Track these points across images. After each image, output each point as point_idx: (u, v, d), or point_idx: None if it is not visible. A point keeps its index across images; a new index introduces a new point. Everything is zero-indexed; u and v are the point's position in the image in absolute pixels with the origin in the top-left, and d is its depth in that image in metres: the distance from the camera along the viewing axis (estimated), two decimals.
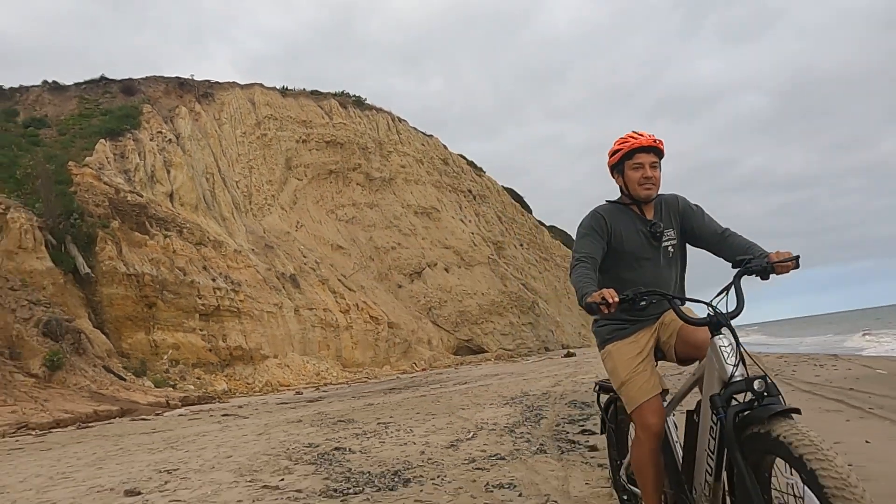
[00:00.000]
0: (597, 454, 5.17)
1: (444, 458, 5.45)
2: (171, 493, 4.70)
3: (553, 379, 14.53)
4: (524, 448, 5.64)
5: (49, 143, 29.45)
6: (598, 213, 2.78)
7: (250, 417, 12.33)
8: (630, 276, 2.72)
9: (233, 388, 22.83)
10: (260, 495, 4.43)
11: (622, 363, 2.69)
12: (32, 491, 5.37)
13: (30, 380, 16.95)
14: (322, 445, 6.67)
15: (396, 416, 9.17)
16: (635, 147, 2.72)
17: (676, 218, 2.83)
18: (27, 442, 11.81)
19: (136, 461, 6.80)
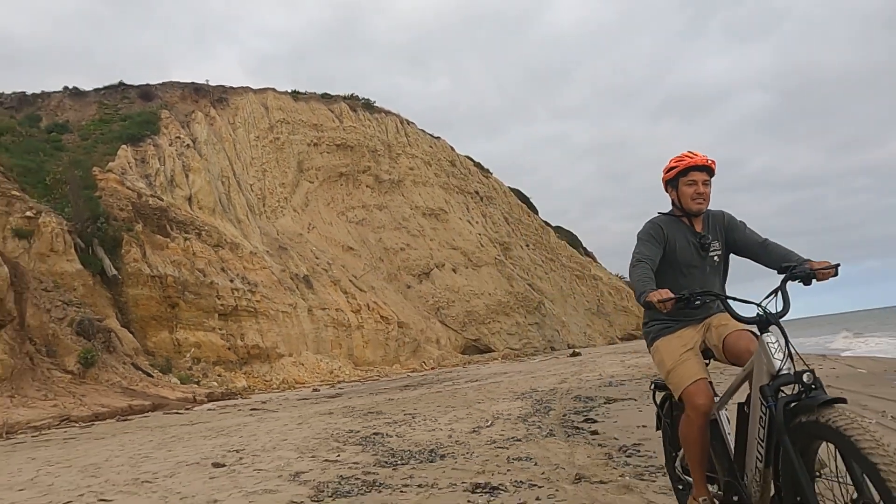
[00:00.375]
0: (598, 437, 6.19)
1: (469, 440, 6.49)
2: (251, 465, 5.75)
3: (559, 377, 15.54)
4: (536, 433, 6.67)
5: (72, 148, 30.63)
6: (657, 224, 3.13)
7: (279, 411, 13.40)
8: (681, 281, 3.03)
9: (252, 385, 23.93)
10: (325, 466, 5.46)
11: (668, 353, 2.99)
12: (125, 466, 6.43)
13: (66, 376, 18.09)
14: (361, 431, 7.73)
15: (420, 409, 10.23)
16: (690, 165, 3.06)
17: (722, 231, 3.16)
18: (75, 433, 12.90)
19: (198, 445, 7.86)
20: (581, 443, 5.91)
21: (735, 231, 3.14)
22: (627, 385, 11.56)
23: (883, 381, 9.20)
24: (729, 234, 3.15)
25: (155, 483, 5.25)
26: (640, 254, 2.99)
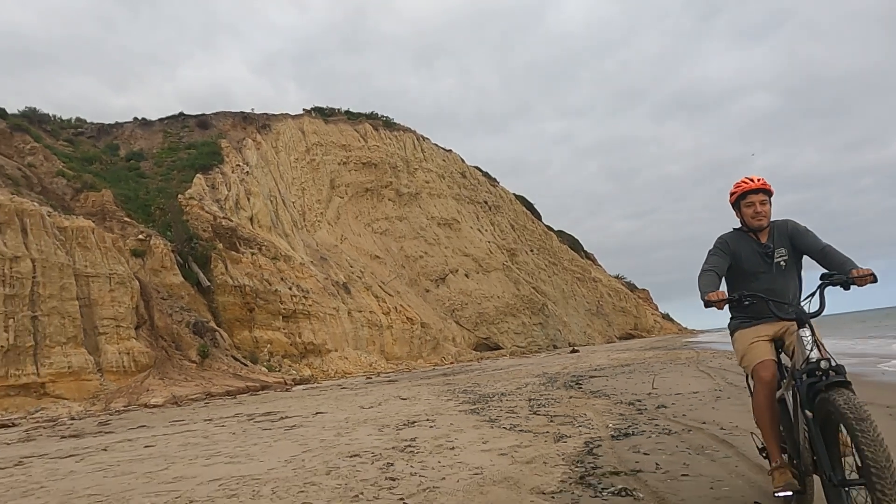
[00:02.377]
0: (581, 388, 12.55)
1: (516, 392, 12.86)
2: (433, 423, 12.12)
3: (561, 366, 21.98)
4: (552, 390, 13.03)
5: (151, 175, 36.99)
6: (724, 239, 3.80)
7: (364, 389, 19.79)
8: (751, 285, 3.65)
9: (313, 374, 30.34)
10: (445, 402, 11.83)
11: (741, 342, 3.68)
12: (341, 406, 12.80)
13: (192, 364, 24.55)
14: (454, 388, 14.12)
15: (478, 381, 16.66)
16: (746, 190, 3.71)
17: (787, 239, 3.73)
18: (244, 398, 19.22)
19: (358, 400, 14.26)
20: (572, 391, 12.29)
21: (798, 237, 3.70)
22: (605, 370, 17.95)
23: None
24: (794, 241, 3.71)
25: (372, 409, 11.63)
26: (708, 263, 3.69)
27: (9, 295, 20.40)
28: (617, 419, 7.62)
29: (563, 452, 5.32)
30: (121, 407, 19.48)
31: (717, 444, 5.59)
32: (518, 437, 6.50)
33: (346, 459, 5.73)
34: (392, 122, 61.42)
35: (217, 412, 14.18)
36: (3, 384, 19.59)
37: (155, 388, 21.80)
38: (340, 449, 6.43)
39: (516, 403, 10.26)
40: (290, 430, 8.88)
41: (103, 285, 23.61)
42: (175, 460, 6.63)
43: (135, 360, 22.99)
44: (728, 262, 3.71)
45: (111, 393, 21.39)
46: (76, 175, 31.54)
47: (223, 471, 5.70)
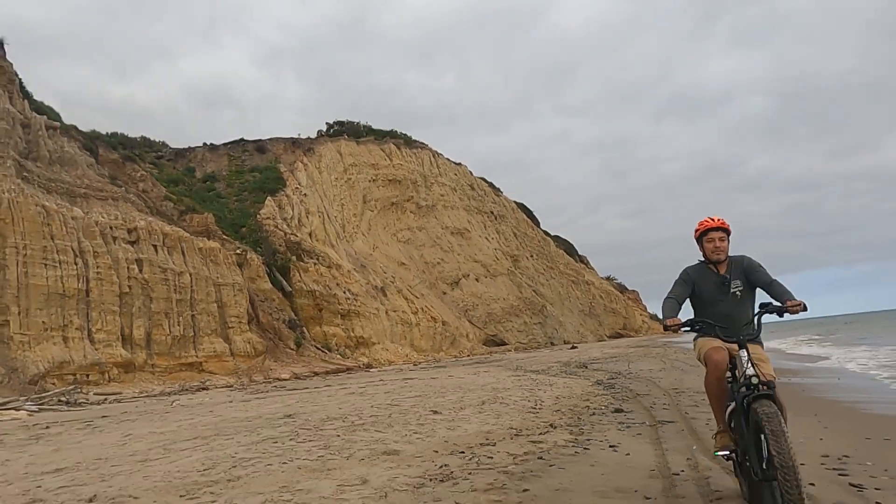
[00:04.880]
0: (586, 371, 21.87)
1: (548, 370, 22.10)
2: (521, 383, 21.30)
3: (568, 357, 31.36)
4: (571, 368, 22.29)
5: (226, 196, 45.85)
6: (688, 271, 4.57)
7: (429, 373, 28.99)
8: (710, 310, 4.42)
9: (370, 362, 39.51)
10: (513, 374, 21.01)
11: (701, 344, 4.43)
12: (435, 381, 21.94)
13: (292, 351, 33.69)
14: (507, 368, 23.32)
15: (519, 365, 25.91)
16: (708, 228, 4.47)
17: (742, 272, 4.45)
18: (345, 377, 28.31)
19: (456, 376, 23.48)
20: (579, 373, 21.57)
21: (752, 272, 4.44)
22: (600, 360, 27.27)
23: None
24: (748, 275, 4.44)
25: (486, 378, 20.91)
26: (672, 291, 4.49)
27: (177, 299, 29.42)
28: (610, 376, 16.89)
29: (590, 384, 14.42)
30: (261, 380, 28.55)
31: (654, 386, 14.77)
32: (568, 381, 15.76)
33: (450, 393, 14.92)
34: (411, 139, 70.44)
35: (338, 382, 23.24)
36: (176, 362, 28.65)
37: (274, 368, 30.93)
38: (441, 395, 15.64)
39: (556, 373, 19.53)
40: (400, 385, 18.02)
41: (229, 291, 32.64)
42: (351, 399, 15.70)
43: (254, 347, 32.07)
44: (689, 291, 4.47)
45: (243, 371, 30.46)
46: (179, 199, 40.38)
47: (381, 401, 14.84)
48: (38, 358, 23.29)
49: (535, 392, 11.39)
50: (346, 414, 8.92)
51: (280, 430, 7.49)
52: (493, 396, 10.96)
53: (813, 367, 19.48)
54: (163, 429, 8.78)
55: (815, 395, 11.15)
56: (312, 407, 10.39)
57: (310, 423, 8.04)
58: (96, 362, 24.86)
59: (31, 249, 24.36)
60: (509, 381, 15.42)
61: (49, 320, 24.37)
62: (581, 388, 12.77)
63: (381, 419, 8.11)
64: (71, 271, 25.41)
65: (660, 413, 8.65)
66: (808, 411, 8.64)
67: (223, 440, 6.90)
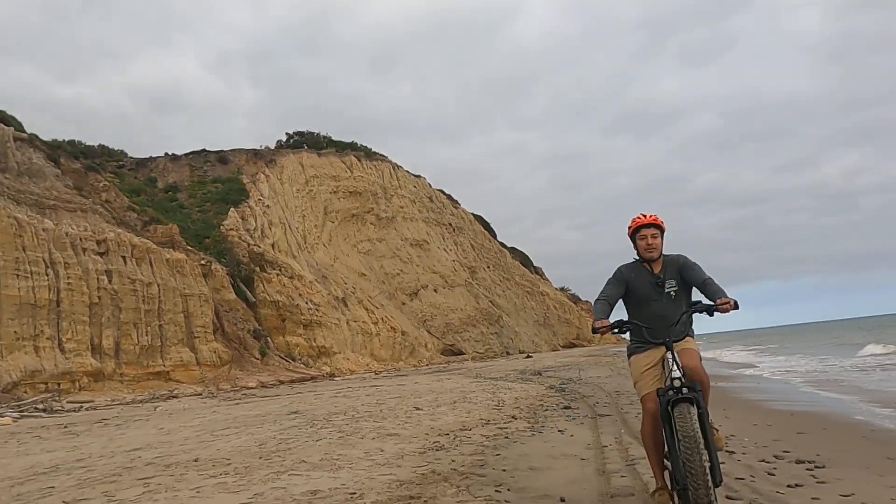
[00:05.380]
0: (540, 377, 23.79)
1: (507, 377, 23.93)
2: (482, 387, 22.98)
3: (524, 366, 33.30)
4: (526, 375, 24.16)
5: (189, 206, 46.49)
6: (620, 269, 4.39)
7: (394, 380, 30.53)
8: (643, 310, 4.26)
9: (332, 371, 40.70)
10: (472, 382, 22.74)
11: (635, 369, 4.27)
12: (411, 386, 23.51)
13: (257, 360, 34.73)
14: (467, 376, 25.05)
15: (478, 373, 27.66)
16: (640, 224, 4.30)
17: (676, 271, 4.29)
18: (313, 385, 29.59)
19: (415, 382, 25.08)
20: (534, 380, 23.47)
21: (686, 271, 4.28)
22: (553, 368, 29.29)
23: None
24: (682, 274, 4.29)
25: (437, 385, 22.56)
26: (602, 292, 4.30)
27: (145, 310, 30.26)
28: (562, 382, 18.78)
29: (544, 388, 16.21)
30: (228, 388, 29.57)
31: (599, 389, 16.69)
32: (525, 385, 17.58)
33: (397, 398, 16.61)
34: (371, 151, 71.86)
35: (307, 389, 24.59)
36: (144, 371, 29.48)
37: (240, 377, 31.97)
38: (390, 396, 17.31)
39: (513, 380, 21.36)
40: (376, 390, 19.62)
41: (195, 302, 33.53)
42: (341, 400, 17.26)
43: (220, 356, 33.03)
44: (622, 290, 4.29)
45: (209, 379, 31.40)
46: (142, 210, 40.96)
47: (368, 401, 16.47)
48: (11, 367, 23.95)
49: (497, 394, 13.12)
50: (344, 410, 10.47)
51: (296, 422, 9.01)
52: (462, 397, 12.64)
53: (739, 373, 21.83)
54: (189, 423, 10.19)
55: (733, 396, 13.20)
56: (309, 406, 11.89)
57: (317, 416, 9.57)
58: (67, 371, 25.60)
59: (4, 260, 25.02)
60: (472, 386, 17.13)
61: (21, 330, 25.04)
62: (536, 391, 14.56)
63: (375, 413, 9.70)
64: (42, 282, 26.10)
65: (601, 409, 10.48)
66: (718, 407, 10.62)
67: (254, 429, 8.38)
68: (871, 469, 5.37)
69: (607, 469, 5.44)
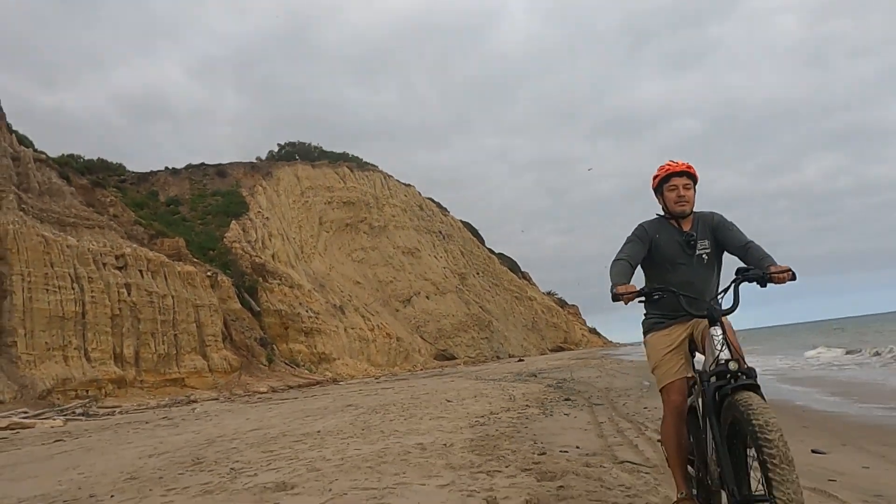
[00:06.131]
0: (536, 378, 26.19)
1: (504, 378, 26.27)
2: (487, 388, 25.29)
3: (518, 369, 35.69)
4: (522, 377, 26.54)
5: (191, 219, 48.45)
6: (643, 226, 3.67)
7: (400, 384, 32.78)
8: (668, 276, 3.52)
9: (334, 376, 42.83)
10: (479, 383, 25.05)
11: (654, 351, 3.56)
12: (418, 389, 25.77)
13: (265, 367, 36.81)
14: (470, 379, 27.37)
15: (478, 374, 29.98)
16: (670, 172, 3.59)
17: (710, 231, 3.58)
18: (318, 390, 31.74)
19: (428, 383, 27.37)
20: (531, 380, 25.84)
21: (723, 231, 3.57)
22: (546, 370, 31.68)
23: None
24: (717, 234, 3.58)
25: (453, 391, 24.87)
26: (621, 252, 3.55)
27: (161, 320, 32.28)
28: (557, 381, 21.17)
29: (543, 386, 18.57)
30: (241, 393, 31.63)
31: (591, 387, 19.08)
32: (525, 385, 19.96)
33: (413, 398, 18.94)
34: (363, 162, 74.19)
35: (321, 392, 26.75)
36: (161, 378, 31.48)
37: (251, 382, 34.05)
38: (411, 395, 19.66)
39: (512, 381, 23.74)
40: (391, 391, 21.91)
41: (206, 312, 35.57)
42: (375, 397, 19.52)
43: (230, 363, 35.09)
44: (645, 251, 3.58)
45: (222, 385, 33.45)
46: (149, 223, 42.89)
47: (403, 396, 18.76)
48: (44, 375, 25.92)
49: (507, 391, 15.47)
50: (390, 403, 12.74)
51: (360, 411, 11.27)
52: (478, 393, 14.96)
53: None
54: (266, 415, 12.43)
55: None
56: (357, 401, 14.16)
57: (373, 407, 11.83)
58: (94, 379, 27.57)
59: (34, 276, 26.99)
60: (480, 385, 19.44)
61: (51, 341, 27.01)
62: (538, 388, 16.92)
63: (417, 405, 11.97)
64: (69, 296, 28.07)
65: (595, 401, 12.85)
66: None
67: (330, 416, 10.63)
68: (793, 436, 7.79)
69: (604, 433, 7.80)
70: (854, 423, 8.63)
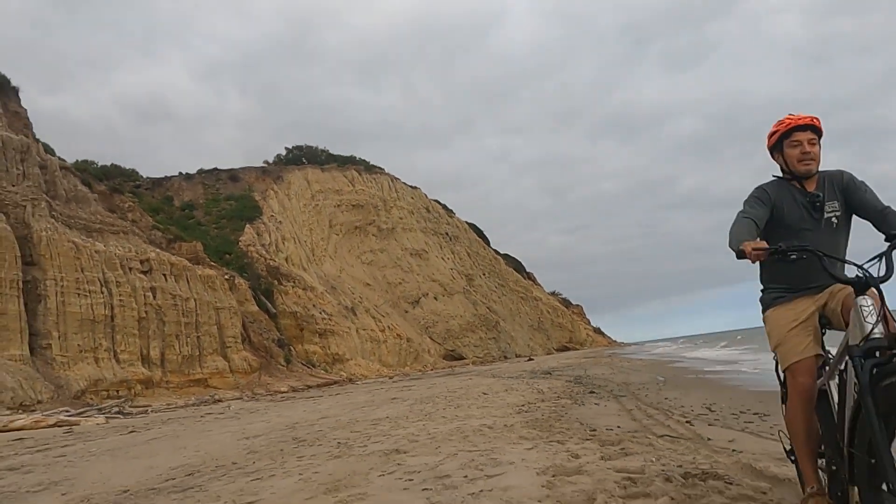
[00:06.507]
0: (551, 376, 27.31)
1: (519, 377, 27.38)
2: (509, 387, 26.41)
3: (530, 367, 36.79)
4: (537, 374, 27.65)
5: (206, 224, 49.59)
6: (762, 187, 3.27)
7: (418, 382, 33.88)
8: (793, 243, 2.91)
9: (349, 376, 43.94)
10: (495, 380, 26.18)
11: (777, 327, 3.16)
12: (448, 388, 26.85)
13: (283, 367, 37.94)
14: (485, 377, 28.50)
15: (494, 373, 31.09)
16: (792, 126, 3.17)
17: (839, 192, 3.18)
18: (337, 389, 32.86)
19: (445, 381, 28.47)
20: (548, 377, 26.94)
21: (854, 192, 3.17)
22: (559, 368, 32.78)
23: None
24: (848, 195, 3.18)
25: (429, 389, 26.00)
26: (743, 211, 3.13)
27: (185, 322, 33.43)
28: (574, 378, 22.28)
29: (563, 382, 19.69)
30: (263, 392, 32.74)
31: (610, 382, 20.18)
32: (546, 381, 21.08)
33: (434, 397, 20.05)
34: (370, 165, 75.37)
35: (343, 391, 27.85)
36: (185, 379, 32.61)
37: (271, 382, 35.17)
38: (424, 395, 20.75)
39: (528, 378, 24.85)
40: (419, 388, 23.01)
41: (226, 314, 36.71)
42: (412, 392, 20.63)
43: (249, 364, 36.21)
44: (768, 215, 3.16)
45: (243, 385, 34.57)
46: (166, 228, 44.04)
47: (439, 390, 19.88)
48: (78, 376, 27.05)
49: (533, 386, 16.60)
50: (434, 395, 13.88)
51: (409, 403, 12.41)
52: (507, 388, 16.07)
53: (730, 368, 25.53)
54: (319, 408, 13.60)
55: (716, 380, 16.80)
56: (401, 394, 15.32)
57: (419, 398, 12.96)
58: (124, 380, 28.70)
59: (67, 281, 28.13)
60: (503, 382, 20.55)
61: (83, 343, 28.15)
62: (560, 384, 18.02)
63: (459, 396, 13.10)
64: (98, 299, 29.21)
65: (618, 393, 13.97)
66: (712, 390, 14.20)
67: (385, 407, 11.76)
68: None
69: (636, 418, 8.91)
70: None
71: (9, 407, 24.02)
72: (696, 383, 16.30)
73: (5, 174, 28.83)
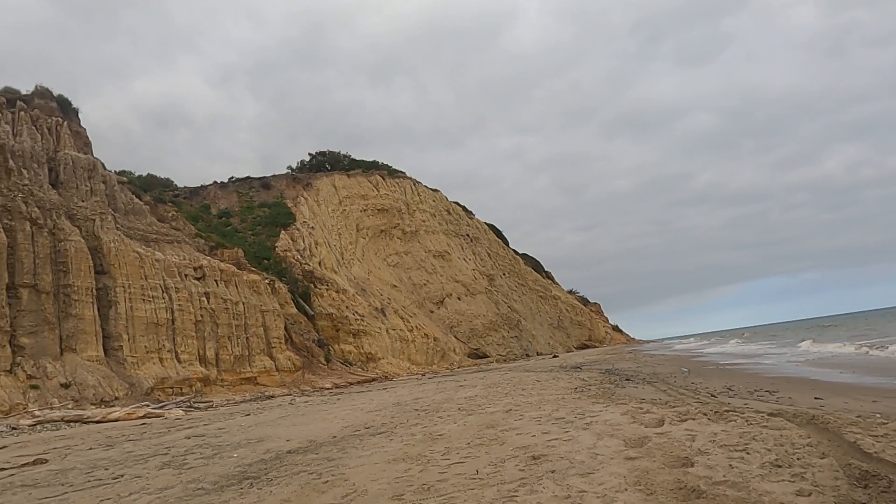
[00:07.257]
0: (580, 372, 29.68)
1: (552, 371, 29.78)
2: (539, 381, 28.85)
3: (558, 363, 39.16)
4: (567, 369, 30.04)
5: (242, 230, 52.39)
6: None
7: (452, 379, 36.38)
8: None
9: (383, 374, 46.51)
10: (528, 374, 28.59)
11: None
12: (481, 387, 29.35)
13: (324, 366, 40.58)
14: (519, 371, 30.91)
15: (531, 368, 33.48)
16: None
17: None
18: (377, 385, 35.43)
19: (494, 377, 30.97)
20: (579, 371, 29.34)
21: None
22: (588, 365, 35.11)
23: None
24: None
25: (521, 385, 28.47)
26: None
27: (236, 325, 36.14)
28: (605, 371, 24.67)
29: (596, 374, 22.08)
30: (310, 389, 35.37)
31: (639, 373, 22.55)
32: (580, 374, 23.48)
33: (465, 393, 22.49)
34: (393, 170, 77.99)
35: (389, 388, 30.34)
36: (237, 377, 35.32)
37: (315, 380, 37.81)
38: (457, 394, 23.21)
39: (559, 371, 27.25)
40: (461, 382, 25.45)
41: (271, 317, 39.39)
42: (467, 387, 23.08)
43: (293, 363, 38.86)
44: None
45: (289, 383, 37.22)
46: (208, 235, 46.84)
47: (490, 381, 22.32)
48: (146, 375, 29.81)
49: (573, 377, 19.05)
50: (491, 384, 16.42)
51: (477, 389, 14.94)
52: (552, 379, 18.53)
53: (747, 360, 27.80)
54: (397, 393, 16.18)
55: (734, 370, 19.14)
56: (464, 384, 17.85)
57: (486, 385, 15.51)
58: (185, 378, 31.43)
59: (133, 288, 30.91)
60: (540, 375, 22.99)
61: (149, 345, 30.91)
62: (594, 375, 20.45)
63: (514, 385, 15.61)
64: (161, 304, 31.97)
65: (650, 381, 16.37)
66: (731, 377, 16.56)
67: (461, 391, 14.27)
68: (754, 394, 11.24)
69: (671, 394, 11.34)
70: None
71: (91, 402, 26.86)
72: (717, 372, 18.60)
73: (76, 191, 31.65)
